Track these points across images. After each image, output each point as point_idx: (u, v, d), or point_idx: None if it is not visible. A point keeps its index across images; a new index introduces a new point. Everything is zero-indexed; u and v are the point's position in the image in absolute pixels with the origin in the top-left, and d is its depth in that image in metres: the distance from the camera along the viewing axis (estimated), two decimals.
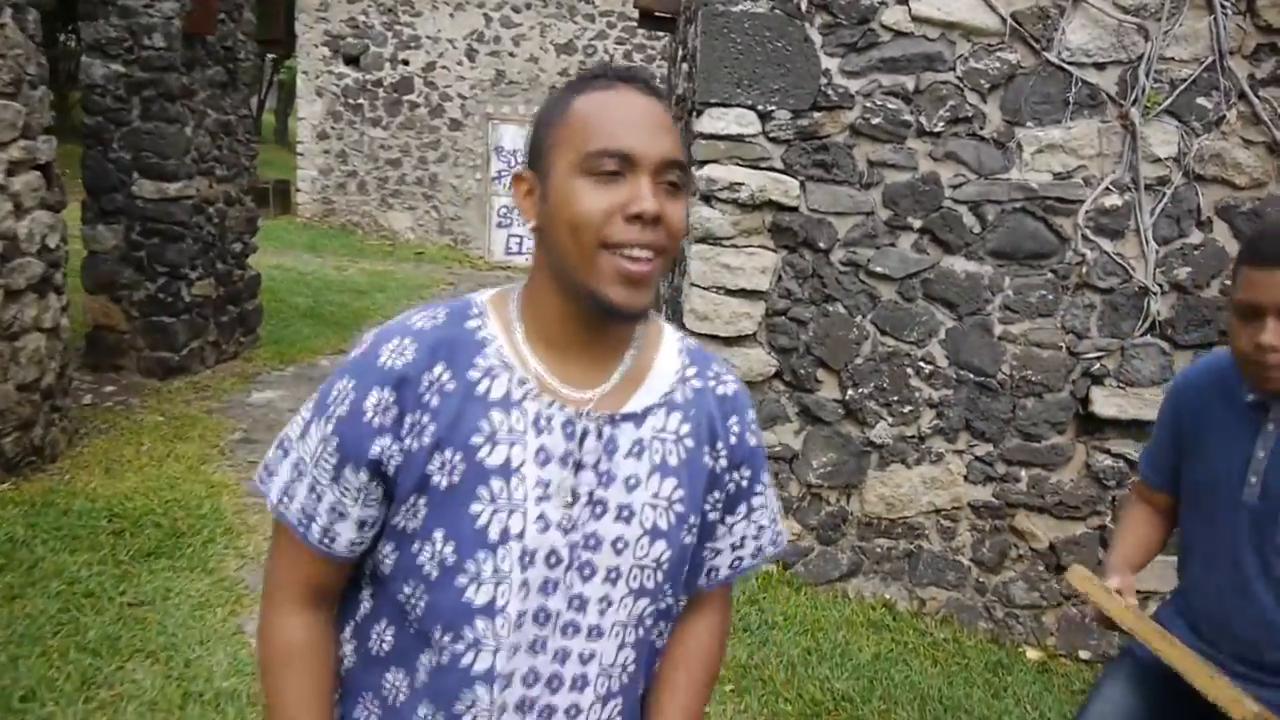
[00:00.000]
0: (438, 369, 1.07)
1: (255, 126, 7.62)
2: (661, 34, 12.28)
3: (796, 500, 4.02)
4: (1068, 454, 3.94)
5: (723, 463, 1.20)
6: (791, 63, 3.69)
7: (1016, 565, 4.04)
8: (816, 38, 3.68)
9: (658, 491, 1.13)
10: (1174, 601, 2.04)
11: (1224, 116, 3.68)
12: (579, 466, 1.09)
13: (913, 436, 3.94)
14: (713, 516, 1.22)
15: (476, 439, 1.06)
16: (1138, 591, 1.98)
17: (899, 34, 3.68)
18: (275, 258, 11.14)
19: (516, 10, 13.93)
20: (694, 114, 4.24)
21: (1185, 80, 3.65)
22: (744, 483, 1.23)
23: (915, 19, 3.66)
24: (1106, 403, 3.86)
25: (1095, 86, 3.69)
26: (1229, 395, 1.85)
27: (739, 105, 3.72)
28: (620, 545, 1.11)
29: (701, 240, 3.81)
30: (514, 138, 14.18)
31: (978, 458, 3.95)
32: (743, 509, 1.25)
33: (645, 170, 1.03)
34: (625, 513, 1.11)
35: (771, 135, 3.75)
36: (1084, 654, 4.05)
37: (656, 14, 5.91)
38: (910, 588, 4.07)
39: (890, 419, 3.92)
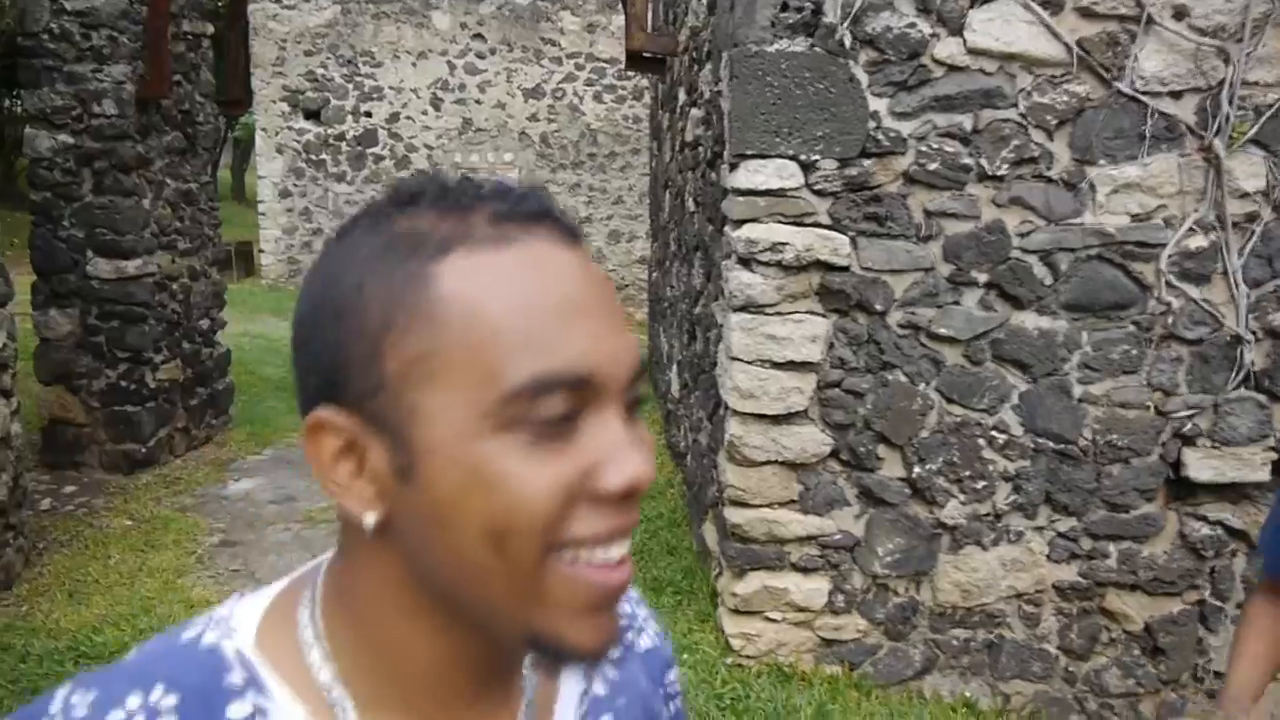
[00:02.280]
0: None
1: (214, 189, 7.13)
2: (635, 74, 11.98)
3: (861, 593, 3.57)
4: (1159, 524, 3.52)
5: None
6: (836, 106, 3.29)
7: (1109, 650, 3.61)
8: (863, 77, 3.28)
9: None
10: None
11: None
12: None
13: (988, 515, 3.51)
14: None
15: None
16: None
17: (953, 69, 3.29)
18: (241, 325, 10.59)
19: (481, 56, 13.58)
20: (717, 165, 3.83)
21: (1271, 106, 3.28)
22: None
23: (971, 51, 3.27)
24: (1201, 465, 3.46)
25: (1173, 118, 3.31)
26: None
27: (779, 156, 3.31)
28: None
29: (742, 309, 3.38)
30: None
31: (1060, 534, 3.53)
32: None
33: (612, 399, 0.58)
34: None
35: (816, 188, 3.33)
36: None
37: (645, 55, 5.53)
38: (992, 682, 3.62)
39: (962, 496, 3.49)
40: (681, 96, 5.35)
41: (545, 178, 13.98)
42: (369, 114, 13.62)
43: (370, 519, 0.58)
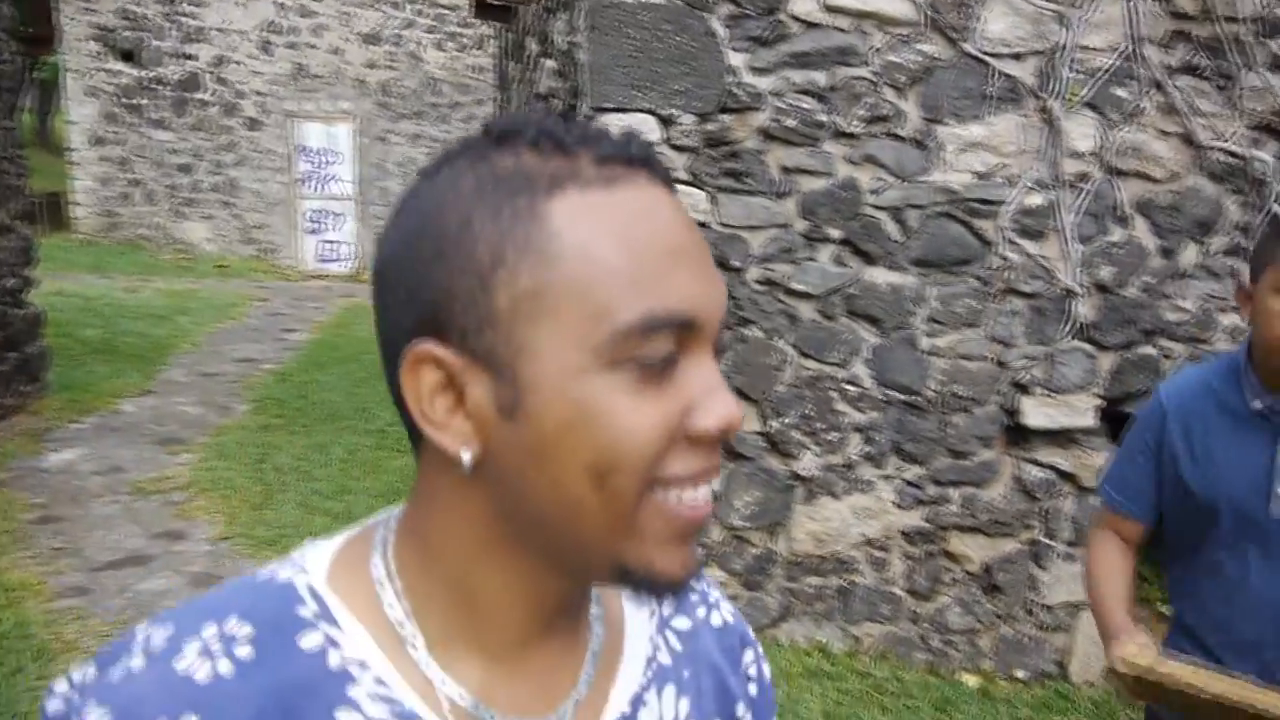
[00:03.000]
0: None
1: (16, 135, 6.55)
2: (479, 22, 11.64)
3: (719, 546, 3.62)
4: (997, 469, 3.71)
5: None
6: (694, 60, 3.26)
7: (950, 590, 3.79)
8: (721, 31, 3.26)
9: None
10: (1178, 634, 1.85)
11: (1141, 107, 3.50)
12: None
13: (841, 466, 3.61)
14: None
15: None
16: None
17: (810, 25, 3.31)
18: (54, 282, 9.84)
19: None
20: (573, 119, 3.75)
21: (1104, 70, 3.44)
22: None
23: (827, 8, 3.29)
24: (1035, 413, 3.65)
25: (1014, 79, 3.43)
26: (1225, 406, 1.73)
27: (638, 110, 3.26)
28: None
29: None
30: (320, 136, 13.18)
31: (907, 482, 3.66)
32: None
33: (707, 341, 0.59)
34: None
35: (675, 143, 3.30)
36: (1019, 673, 3.86)
37: (493, 2, 5.36)
38: (844, 626, 3.75)
39: (816, 449, 3.58)
40: (533, 47, 5.21)
41: (385, 128, 13.50)
42: (191, 57, 12.77)
43: (467, 455, 0.58)
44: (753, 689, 0.79)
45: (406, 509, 0.65)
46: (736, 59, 3.29)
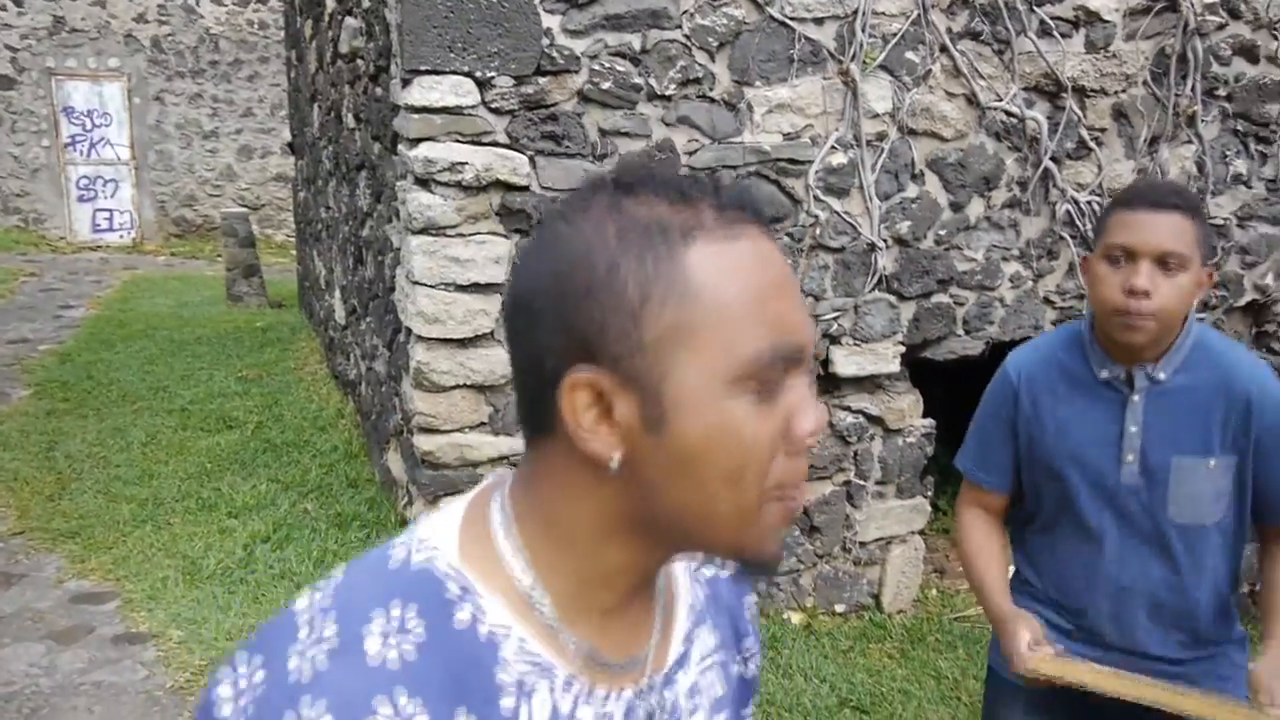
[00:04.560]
0: None
1: None
2: None
3: None
4: None
5: (752, 665, 0.95)
6: (509, 21, 3.22)
7: None
8: None
9: None
10: (1020, 593, 1.93)
11: (930, 70, 3.73)
12: None
13: None
14: None
15: None
16: None
17: None
18: None
19: None
20: (383, 80, 3.65)
21: (896, 35, 3.64)
22: (755, 664, 0.97)
23: None
24: (846, 361, 3.87)
25: (816, 43, 3.58)
26: (1072, 376, 1.79)
27: (454, 72, 3.20)
28: None
29: (422, 231, 3.28)
30: (86, 96, 12.16)
31: None
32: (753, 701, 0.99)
33: (807, 362, 0.73)
34: None
35: (493, 106, 3.27)
36: (839, 607, 4.11)
37: None
38: None
39: None
40: (330, 3, 5.00)
41: (161, 86, 12.61)
42: None
43: (617, 457, 0.68)
44: (753, 626, 0.95)
45: (523, 490, 0.75)
46: (551, 21, 3.27)
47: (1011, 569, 2.00)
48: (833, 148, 3.67)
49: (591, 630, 0.75)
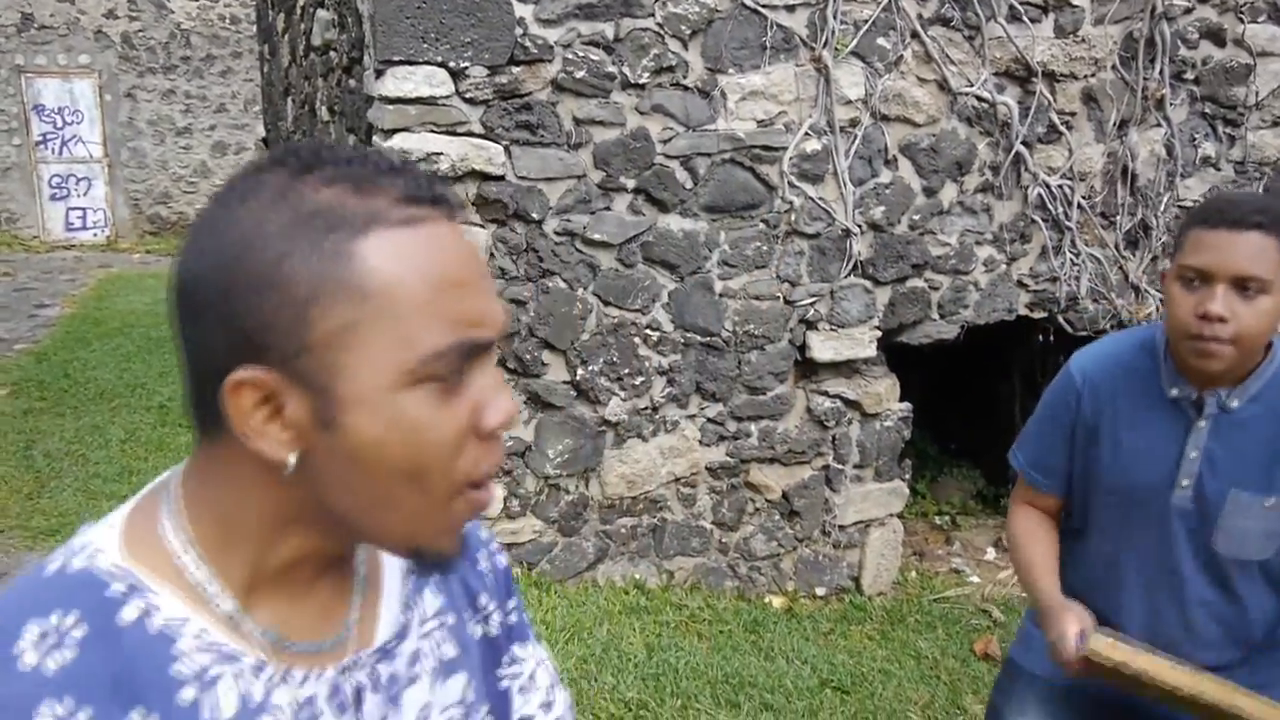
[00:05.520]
0: None
1: None
2: None
3: (534, 495, 3.68)
4: (790, 402, 3.94)
5: (494, 619, 0.91)
6: (482, 11, 3.22)
7: (754, 519, 4.02)
8: None
9: (447, 703, 0.84)
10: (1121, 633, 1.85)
11: (901, 56, 3.75)
12: None
13: (647, 408, 3.73)
14: (506, 685, 0.93)
15: None
16: None
17: None
18: None
19: None
20: (356, 72, 3.64)
21: (867, 21, 3.66)
22: (513, 616, 0.95)
23: None
24: (822, 347, 3.89)
25: (789, 29, 3.60)
26: (1142, 390, 1.69)
27: (427, 62, 3.20)
28: None
29: None
30: (57, 94, 12.04)
31: (709, 419, 3.84)
32: (529, 647, 0.96)
33: (492, 352, 0.71)
34: None
35: (467, 95, 3.27)
36: (819, 590, 4.15)
37: None
38: (658, 562, 3.91)
39: (623, 393, 3.68)
40: None
41: (132, 83, 12.50)
42: None
43: (292, 459, 0.66)
44: (489, 580, 0.92)
45: (194, 485, 0.72)
46: (524, 10, 3.28)
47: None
48: (806, 134, 3.69)
49: (277, 616, 0.73)
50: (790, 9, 3.59)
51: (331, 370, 0.64)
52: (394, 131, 3.22)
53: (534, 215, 3.42)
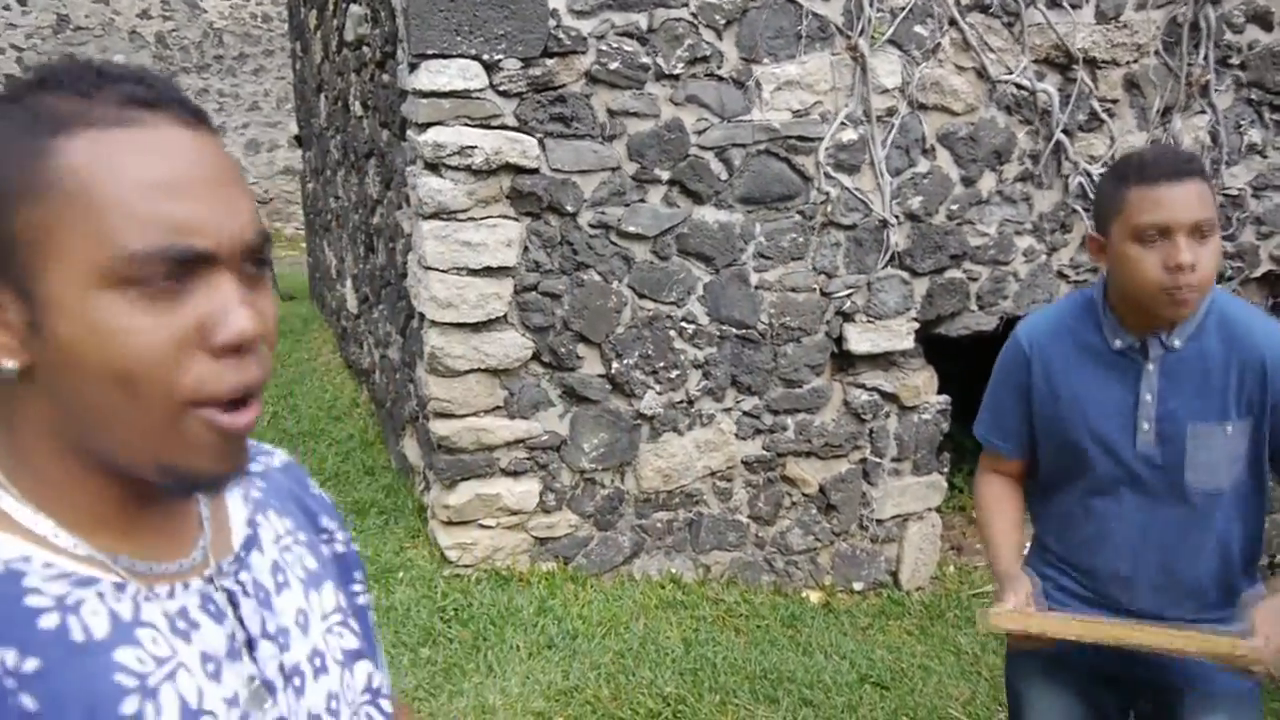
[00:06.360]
0: (6, 659, 0.64)
1: None
2: None
3: (570, 490, 3.67)
4: (827, 395, 3.90)
5: (339, 543, 0.94)
6: (515, 3, 3.21)
7: (791, 513, 3.98)
8: None
9: (325, 610, 0.86)
10: (1038, 558, 1.94)
11: (939, 44, 3.70)
12: (248, 645, 0.77)
13: (682, 402, 3.71)
14: (362, 601, 0.94)
15: (127, 706, 0.67)
16: None
17: None
18: None
19: None
20: (389, 66, 3.65)
21: (904, 8, 3.61)
22: (345, 548, 0.96)
23: None
24: (859, 339, 3.85)
25: (824, 18, 3.56)
26: (1085, 346, 1.77)
27: (461, 56, 3.19)
28: (334, 706, 0.82)
29: (433, 216, 3.27)
30: None
31: (746, 413, 3.81)
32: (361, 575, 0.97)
33: (224, 265, 0.67)
34: (317, 660, 0.82)
35: (501, 88, 3.26)
36: (857, 585, 4.11)
37: None
38: (694, 556, 3.88)
39: (658, 387, 3.66)
40: None
41: None
42: None
43: (11, 364, 0.65)
44: (326, 503, 0.95)
45: None
46: (557, 1, 3.26)
47: (1030, 535, 2.00)
48: (842, 124, 3.65)
49: (122, 544, 0.72)
50: None
51: (32, 271, 0.64)
52: (428, 125, 3.21)
53: (568, 208, 3.40)
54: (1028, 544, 1.98)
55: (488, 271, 3.36)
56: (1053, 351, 1.81)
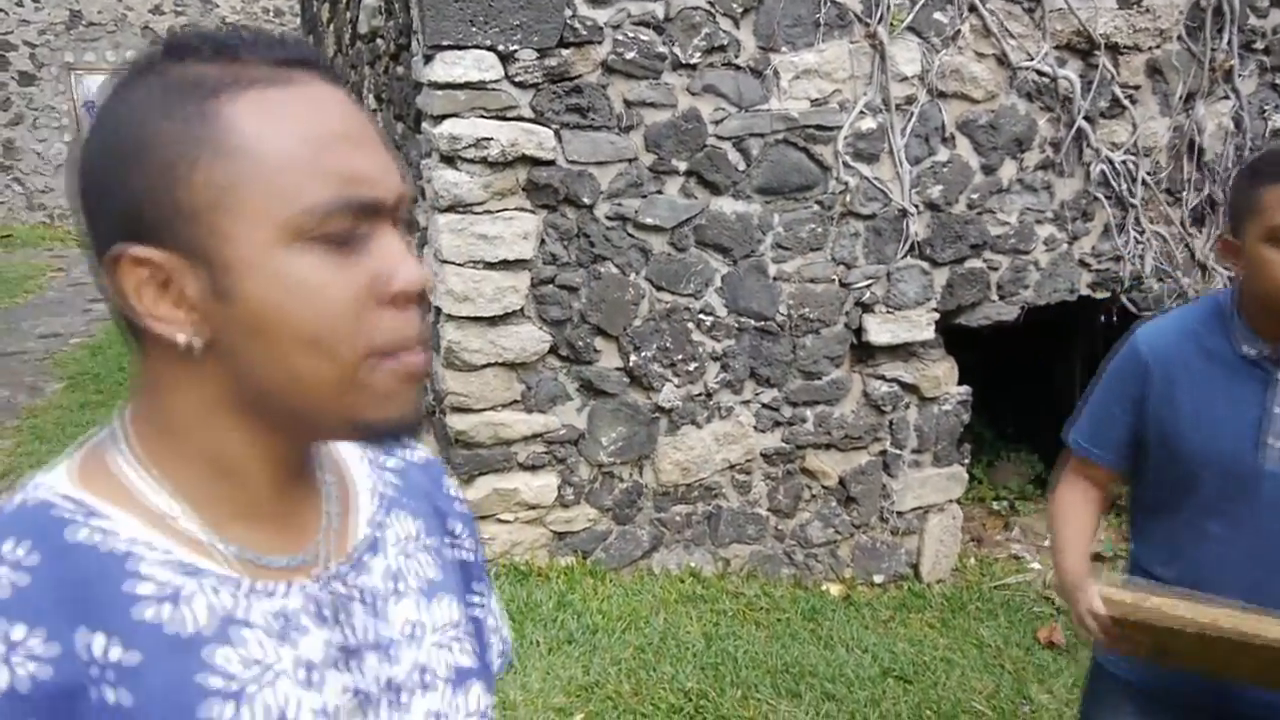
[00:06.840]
0: (92, 644, 0.63)
1: None
2: None
3: (588, 483, 3.65)
4: (847, 386, 3.87)
5: (466, 550, 0.91)
6: None
7: (810, 506, 3.95)
8: None
9: (438, 623, 0.82)
10: (1138, 578, 1.78)
11: (959, 31, 3.65)
12: (351, 655, 0.74)
13: (700, 394, 3.68)
14: (478, 615, 0.91)
15: (212, 709, 0.65)
16: None
17: None
18: None
19: None
20: (404, 58, 3.62)
21: None
22: (472, 555, 0.93)
23: None
24: (879, 330, 3.82)
25: (843, 5, 3.51)
26: (1212, 354, 1.65)
27: (476, 46, 3.16)
28: None
29: (449, 209, 3.25)
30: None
31: (764, 405, 3.77)
32: (482, 587, 0.94)
33: (388, 217, 0.68)
34: (426, 677, 0.79)
35: (517, 79, 3.23)
36: (877, 578, 4.08)
37: None
38: (714, 550, 3.86)
39: (676, 380, 3.63)
40: None
41: None
42: None
43: (199, 342, 0.65)
44: (458, 506, 0.92)
45: (135, 405, 0.71)
46: None
47: (1101, 545, 1.88)
48: (861, 113, 3.61)
49: (245, 533, 0.71)
50: None
51: (214, 235, 0.63)
52: (443, 117, 3.18)
53: (585, 200, 3.37)
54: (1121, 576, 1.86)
55: (504, 264, 3.33)
56: (1174, 359, 1.69)
